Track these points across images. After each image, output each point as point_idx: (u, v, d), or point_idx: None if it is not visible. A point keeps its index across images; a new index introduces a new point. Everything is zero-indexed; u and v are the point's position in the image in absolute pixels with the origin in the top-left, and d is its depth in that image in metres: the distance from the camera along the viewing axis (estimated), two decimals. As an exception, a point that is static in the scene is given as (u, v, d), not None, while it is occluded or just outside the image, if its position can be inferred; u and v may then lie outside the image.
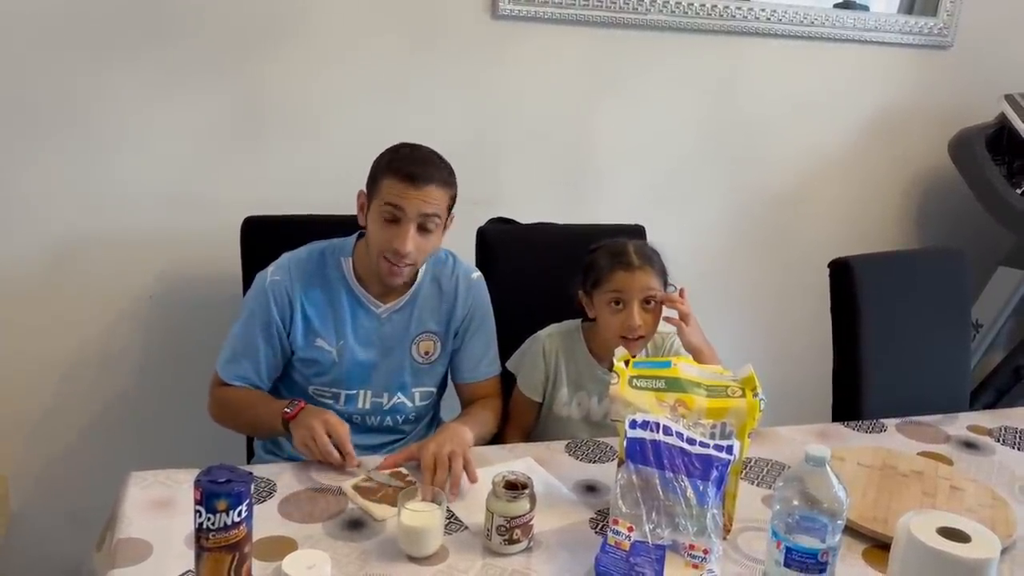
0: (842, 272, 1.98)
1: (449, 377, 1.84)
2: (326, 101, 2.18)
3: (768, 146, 2.63)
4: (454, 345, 1.79)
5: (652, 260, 1.76)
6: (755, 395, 1.35)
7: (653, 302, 1.74)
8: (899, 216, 2.84)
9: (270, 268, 1.70)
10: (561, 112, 2.40)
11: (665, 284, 1.78)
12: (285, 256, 1.72)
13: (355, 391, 1.73)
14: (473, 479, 1.46)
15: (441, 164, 1.63)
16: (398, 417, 1.77)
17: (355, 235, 1.73)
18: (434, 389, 1.80)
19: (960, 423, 1.86)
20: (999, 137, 2.58)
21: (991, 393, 2.59)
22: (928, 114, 2.74)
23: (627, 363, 1.42)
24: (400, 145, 1.66)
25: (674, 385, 1.37)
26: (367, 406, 1.74)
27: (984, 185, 2.54)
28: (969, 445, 1.76)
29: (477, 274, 1.81)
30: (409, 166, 1.58)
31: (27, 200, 2.04)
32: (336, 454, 1.47)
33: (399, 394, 1.75)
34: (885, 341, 1.99)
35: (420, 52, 2.23)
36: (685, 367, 1.41)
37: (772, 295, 2.76)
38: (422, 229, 1.60)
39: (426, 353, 1.76)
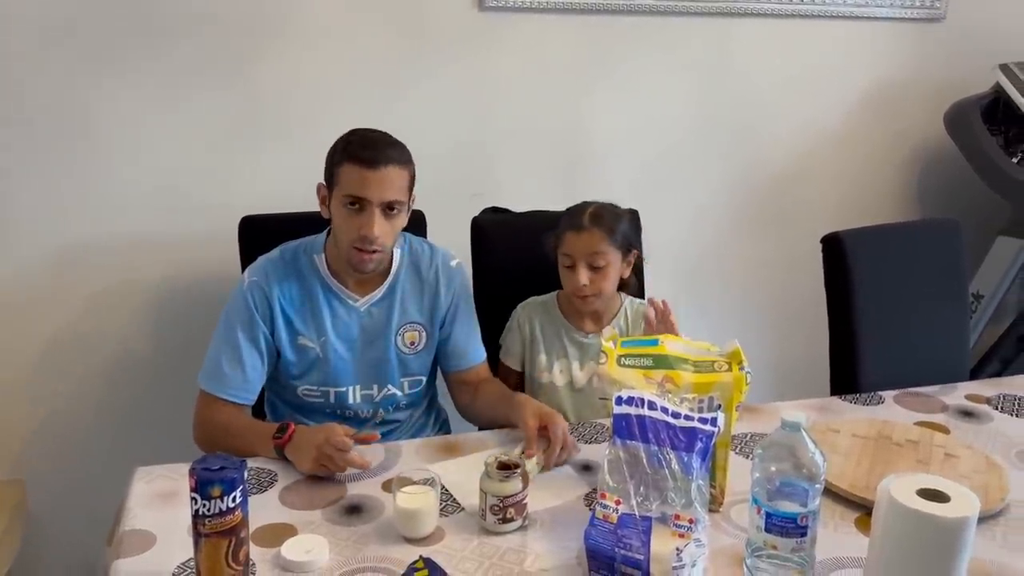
0: (834, 247, 1.99)
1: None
2: (318, 99, 2.22)
3: (762, 125, 2.64)
4: (441, 335, 1.79)
5: (604, 222, 1.79)
6: (741, 368, 1.36)
7: (604, 263, 1.78)
8: (897, 190, 2.83)
9: (245, 273, 1.71)
10: (553, 101, 2.42)
11: (627, 247, 1.83)
12: (259, 259, 1.73)
13: (344, 388, 1.73)
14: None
15: (396, 144, 1.64)
16: (390, 407, 1.79)
17: (324, 232, 1.74)
18: (423, 377, 1.81)
19: (959, 393, 1.87)
20: (994, 107, 2.58)
21: (996, 364, 2.59)
22: (923, 87, 2.74)
23: (615, 343, 1.44)
24: (351, 132, 1.66)
25: (661, 362, 1.39)
26: (358, 400, 1.75)
27: (981, 156, 2.54)
28: (967, 414, 1.77)
29: (456, 261, 1.82)
30: (364, 150, 1.59)
31: (29, 207, 2.09)
32: (359, 459, 1.43)
33: (389, 385, 1.76)
34: (880, 314, 1.99)
35: (409, 49, 2.26)
36: (672, 344, 1.43)
37: (771, 273, 2.76)
38: (386, 213, 1.61)
39: (411, 343, 1.76)
